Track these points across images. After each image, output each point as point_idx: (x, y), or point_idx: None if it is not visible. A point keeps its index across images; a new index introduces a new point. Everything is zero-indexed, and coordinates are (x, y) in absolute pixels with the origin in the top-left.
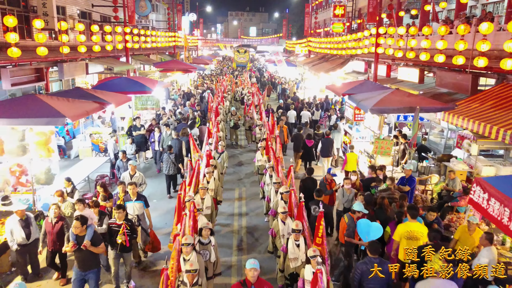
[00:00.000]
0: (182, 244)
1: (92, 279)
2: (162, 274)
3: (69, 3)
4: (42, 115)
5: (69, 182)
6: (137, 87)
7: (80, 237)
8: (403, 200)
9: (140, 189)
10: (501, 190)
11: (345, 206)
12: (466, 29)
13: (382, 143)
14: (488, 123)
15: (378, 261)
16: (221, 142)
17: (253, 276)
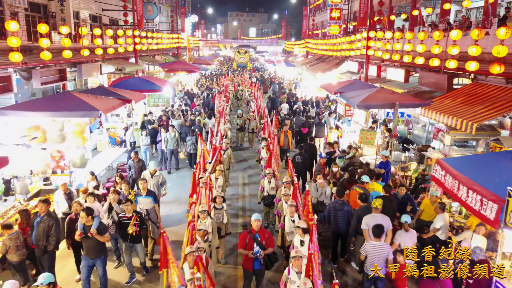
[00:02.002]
0: (199, 211)
1: (100, 265)
2: (189, 226)
3: (83, 8)
4: (79, 109)
5: (93, 176)
6: (149, 86)
7: (87, 227)
8: (366, 166)
9: (163, 189)
10: (454, 168)
11: (319, 199)
12: (440, 35)
13: (367, 134)
14: (457, 117)
15: (341, 202)
16: (226, 140)
17: (256, 225)
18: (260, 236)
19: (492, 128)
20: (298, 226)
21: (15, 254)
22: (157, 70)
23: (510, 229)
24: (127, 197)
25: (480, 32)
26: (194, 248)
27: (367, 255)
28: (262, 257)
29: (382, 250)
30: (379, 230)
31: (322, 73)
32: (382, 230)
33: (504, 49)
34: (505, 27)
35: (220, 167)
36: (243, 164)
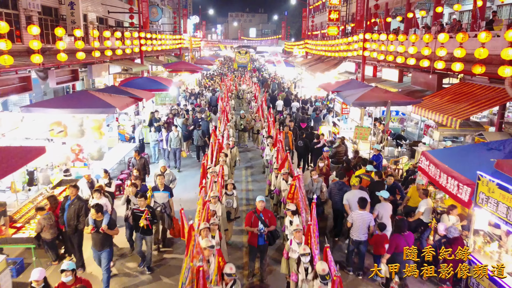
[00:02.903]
0: (211, 196)
1: (105, 258)
2: (205, 206)
3: (90, 10)
4: (97, 106)
5: (106, 174)
6: (157, 85)
7: (98, 221)
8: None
9: (172, 185)
10: (437, 158)
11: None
12: (430, 37)
13: (361, 130)
14: (443, 113)
15: (341, 183)
16: (232, 138)
17: (261, 206)
18: (264, 215)
19: (477, 125)
20: (288, 209)
21: (48, 232)
22: (160, 70)
23: (479, 207)
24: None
25: (464, 35)
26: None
27: (353, 222)
28: (265, 233)
29: (366, 218)
30: (363, 202)
31: (321, 73)
32: (366, 202)
33: (485, 52)
34: (485, 31)
35: (223, 157)
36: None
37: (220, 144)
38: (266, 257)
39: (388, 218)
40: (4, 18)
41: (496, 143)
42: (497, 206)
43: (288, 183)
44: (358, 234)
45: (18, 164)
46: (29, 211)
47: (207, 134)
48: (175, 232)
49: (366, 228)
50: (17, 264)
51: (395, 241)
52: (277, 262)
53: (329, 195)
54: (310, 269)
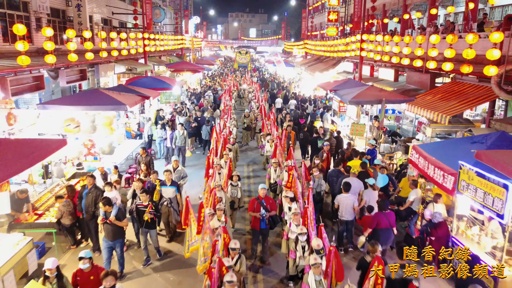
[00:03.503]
0: (216, 185)
1: (118, 248)
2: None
3: (96, 12)
4: (108, 103)
5: (116, 170)
6: (161, 84)
7: (107, 213)
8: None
9: (183, 181)
10: (426, 151)
11: (317, 190)
12: (423, 38)
13: (357, 127)
14: (434, 110)
15: (337, 171)
16: (233, 135)
17: (263, 193)
18: (266, 202)
19: (468, 122)
20: (286, 196)
21: (67, 218)
22: (162, 70)
23: (461, 194)
24: (155, 186)
25: (454, 37)
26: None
27: (339, 204)
28: (267, 218)
29: (349, 200)
30: (347, 186)
31: (320, 72)
32: (349, 186)
33: (473, 52)
34: (473, 33)
35: (226, 152)
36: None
37: (225, 139)
38: (267, 240)
39: (375, 203)
40: (16, 20)
41: (479, 137)
42: (476, 191)
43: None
44: (345, 214)
45: (43, 154)
46: (48, 200)
47: None
48: (182, 226)
49: (351, 208)
50: (39, 247)
51: (377, 218)
52: (277, 245)
53: (328, 182)
54: (306, 247)
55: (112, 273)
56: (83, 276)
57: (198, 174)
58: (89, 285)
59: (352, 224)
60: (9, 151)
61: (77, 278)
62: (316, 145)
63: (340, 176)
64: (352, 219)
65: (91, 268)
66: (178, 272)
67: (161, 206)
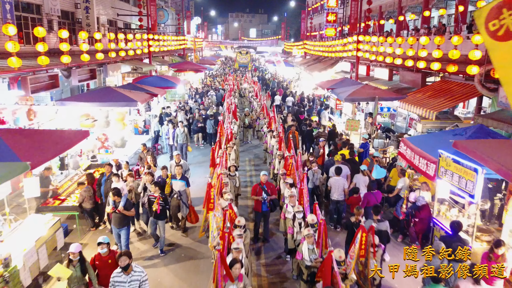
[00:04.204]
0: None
1: (124, 235)
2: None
3: (102, 14)
4: (120, 100)
5: (126, 164)
6: (166, 83)
7: (117, 203)
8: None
9: (186, 175)
10: (412, 143)
11: (315, 183)
12: (414, 40)
13: (352, 123)
14: (423, 107)
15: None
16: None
17: (264, 179)
18: (267, 187)
19: (456, 118)
20: (286, 182)
21: (88, 203)
22: (164, 69)
23: (440, 179)
24: (165, 180)
25: (441, 38)
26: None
27: (332, 186)
28: (268, 201)
29: (340, 182)
30: (338, 170)
31: (318, 72)
32: (340, 170)
33: (458, 53)
34: (458, 35)
35: (230, 145)
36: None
37: (230, 133)
38: (268, 221)
39: (363, 186)
40: (30, 23)
41: (460, 129)
42: (452, 176)
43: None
44: (336, 195)
45: (70, 144)
46: (69, 187)
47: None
48: (192, 219)
49: (342, 190)
50: (63, 228)
51: (367, 197)
52: (276, 227)
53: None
54: (302, 223)
55: (126, 253)
56: (101, 260)
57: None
58: (107, 268)
59: (342, 204)
60: (43, 139)
61: (96, 262)
62: (311, 136)
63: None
64: (342, 199)
65: (108, 253)
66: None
67: (171, 199)
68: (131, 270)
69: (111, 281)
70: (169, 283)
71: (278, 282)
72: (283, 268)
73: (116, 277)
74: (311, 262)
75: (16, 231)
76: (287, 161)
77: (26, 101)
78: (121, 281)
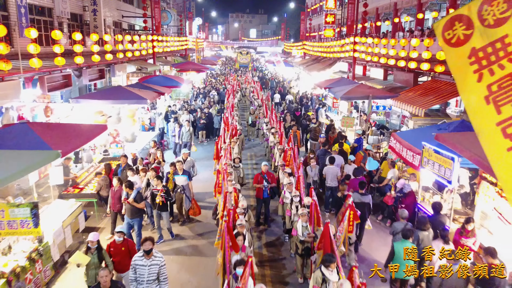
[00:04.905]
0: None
1: (136, 225)
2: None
3: (108, 16)
4: (131, 98)
5: (141, 160)
6: (171, 83)
7: (129, 195)
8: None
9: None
10: (401, 137)
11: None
12: (406, 42)
13: (347, 119)
14: (413, 104)
15: (325, 150)
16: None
17: (265, 169)
18: (267, 176)
19: (445, 115)
20: (285, 171)
21: (105, 191)
22: (167, 69)
23: (423, 168)
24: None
25: (430, 40)
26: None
27: (326, 174)
28: (268, 189)
29: (334, 170)
30: (332, 159)
31: (317, 72)
32: (334, 160)
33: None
34: None
35: (234, 140)
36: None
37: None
38: (268, 207)
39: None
40: (42, 25)
41: (444, 124)
42: (433, 165)
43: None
44: (330, 182)
45: (92, 136)
46: (86, 177)
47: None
48: (194, 211)
49: (335, 177)
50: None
51: (353, 183)
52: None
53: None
54: (299, 206)
55: (150, 238)
56: (116, 247)
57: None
58: (121, 255)
59: (335, 190)
60: (68, 131)
61: (111, 249)
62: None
63: (327, 154)
64: (335, 186)
65: (122, 241)
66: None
67: (175, 193)
68: (152, 255)
69: (132, 264)
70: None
71: (278, 259)
72: (282, 247)
73: (138, 261)
74: (304, 237)
75: (44, 213)
76: (286, 152)
77: (43, 99)
78: (142, 264)
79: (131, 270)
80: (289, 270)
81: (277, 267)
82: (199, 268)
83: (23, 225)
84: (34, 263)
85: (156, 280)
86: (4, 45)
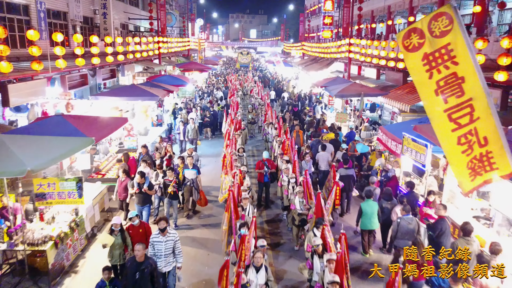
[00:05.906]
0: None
1: (145, 211)
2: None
3: (116, 18)
4: (145, 95)
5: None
6: (177, 82)
7: (140, 185)
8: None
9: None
10: (387, 129)
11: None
12: (395, 43)
13: (341, 115)
14: (400, 101)
15: (317, 140)
16: (243, 122)
17: (266, 156)
18: (268, 162)
19: None
20: (284, 159)
21: None
22: (170, 69)
23: (403, 155)
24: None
25: None
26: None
27: (319, 159)
28: (268, 174)
29: (325, 156)
30: (324, 146)
31: (315, 72)
32: (325, 147)
33: None
34: None
35: (238, 133)
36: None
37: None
38: (269, 190)
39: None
40: (58, 28)
41: (425, 118)
42: (411, 152)
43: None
44: (323, 166)
45: (115, 127)
46: (106, 166)
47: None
48: (202, 202)
49: (327, 162)
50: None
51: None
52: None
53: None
54: (295, 186)
55: (164, 218)
56: (134, 229)
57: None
58: (138, 236)
59: (327, 173)
60: (96, 122)
61: (130, 231)
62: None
63: (319, 143)
64: (327, 169)
65: (139, 223)
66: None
67: (185, 186)
68: (167, 232)
69: (151, 241)
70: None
71: (277, 232)
72: (280, 223)
73: (155, 238)
74: (301, 210)
75: None
76: (285, 143)
77: (65, 96)
78: (159, 240)
79: (150, 247)
80: (286, 240)
81: (277, 238)
82: (208, 241)
83: (70, 195)
84: (73, 232)
85: (172, 253)
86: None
